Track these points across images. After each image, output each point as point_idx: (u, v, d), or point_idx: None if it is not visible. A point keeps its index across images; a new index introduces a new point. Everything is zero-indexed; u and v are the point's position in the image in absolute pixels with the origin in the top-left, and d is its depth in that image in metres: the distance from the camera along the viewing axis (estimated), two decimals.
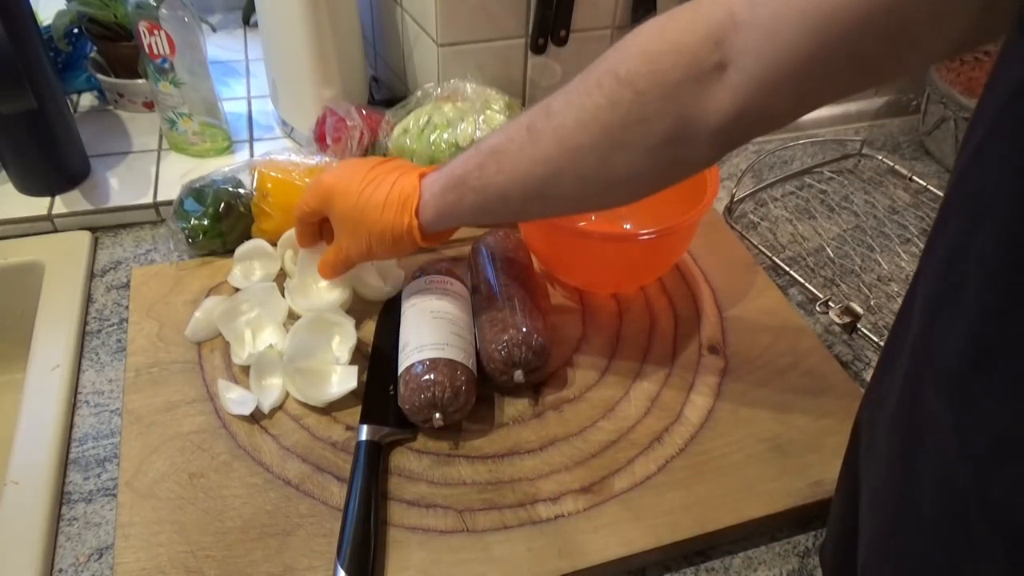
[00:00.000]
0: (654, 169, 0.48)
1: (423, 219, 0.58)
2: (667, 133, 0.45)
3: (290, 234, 0.73)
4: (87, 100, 0.96)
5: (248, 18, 1.12)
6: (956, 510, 0.31)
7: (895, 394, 0.36)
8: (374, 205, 0.59)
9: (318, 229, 0.67)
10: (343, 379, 0.62)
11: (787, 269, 0.79)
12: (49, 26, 0.91)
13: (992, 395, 0.28)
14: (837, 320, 0.72)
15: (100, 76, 0.92)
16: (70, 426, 0.61)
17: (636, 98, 0.44)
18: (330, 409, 0.62)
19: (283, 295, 0.69)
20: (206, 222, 0.73)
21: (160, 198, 0.81)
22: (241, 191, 0.75)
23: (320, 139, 0.82)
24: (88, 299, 0.72)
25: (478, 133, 0.74)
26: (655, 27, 0.45)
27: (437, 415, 0.57)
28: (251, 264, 0.73)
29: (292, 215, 0.74)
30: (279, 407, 0.62)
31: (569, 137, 0.48)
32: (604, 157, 0.47)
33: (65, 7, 0.92)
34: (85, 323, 0.70)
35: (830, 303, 0.73)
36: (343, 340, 0.65)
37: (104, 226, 0.80)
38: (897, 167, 0.94)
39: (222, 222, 0.74)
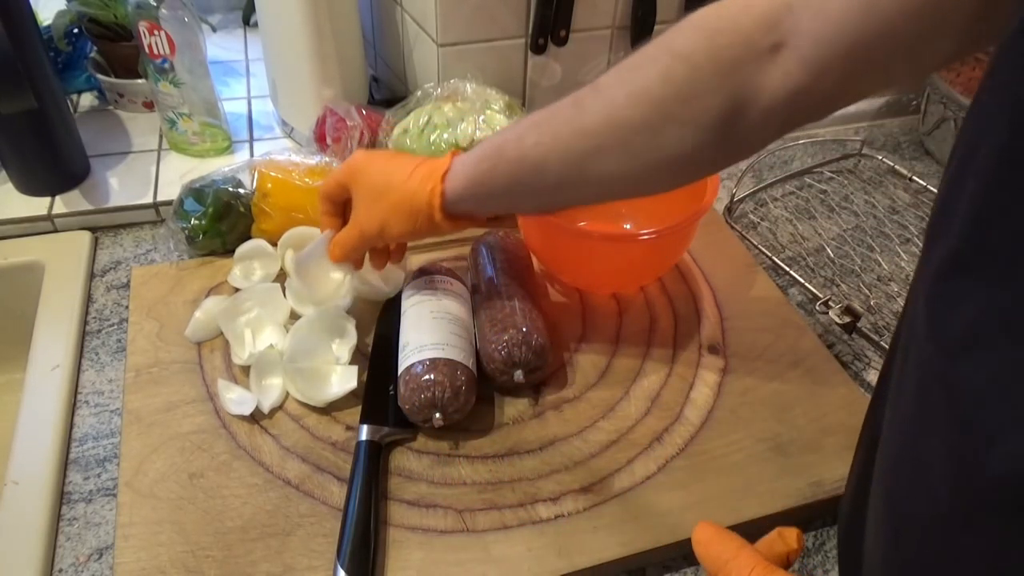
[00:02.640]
0: (702, 149, 0.47)
1: (449, 190, 0.55)
2: (720, 110, 0.44)
3: (290, 234, 0.73)
4: (87, 100, 0.96)
5: (248, 18, 1.12)
6: (929, 398, 0.33)
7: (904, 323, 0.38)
8: (400, 174, 0.57)
9: (342, 210, 0.64)
10: (343, 379, 0.62)
11: (787, 269, 0.79)
12: (49, 26, 0.91)
13: (962, 295, 0.31)
14: (837, 320, 0.72)
15: (100, 76, 0.92)
16: (70, 426, 0.61)
17: (691, 73, 0.44)
18: (330, 409, 0.62)
19: (284, 295, 0.69)
20: (206, 222, 0.73)
21: (160, 198, 0.81)
22: (241, 191, 0.75)
23: (320, 139, 0.82)
24: (88, 299, 0.72)
25: (478, 133, 0.74)
26: (712, 8, 0.45)
27: (437, 415, 0.57)
28: (251, 264, 0.73)
29: (292, 215, 0.74)
30: (279, 407, 0.62)
31: (618, 111, 0.47)
32: (654, 133, 0.46)
33: (65, 7, 0.92)
34: (85, 323, 0.70)
35: (830, 303, 0.73)
36: (344, 340, 0.65)
37: (104, 226, 0.80)
38: (897, 167, 0.94)
39: (222, 222, 0.74)
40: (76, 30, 0.93)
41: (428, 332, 0.61)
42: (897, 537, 0.37)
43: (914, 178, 0.92)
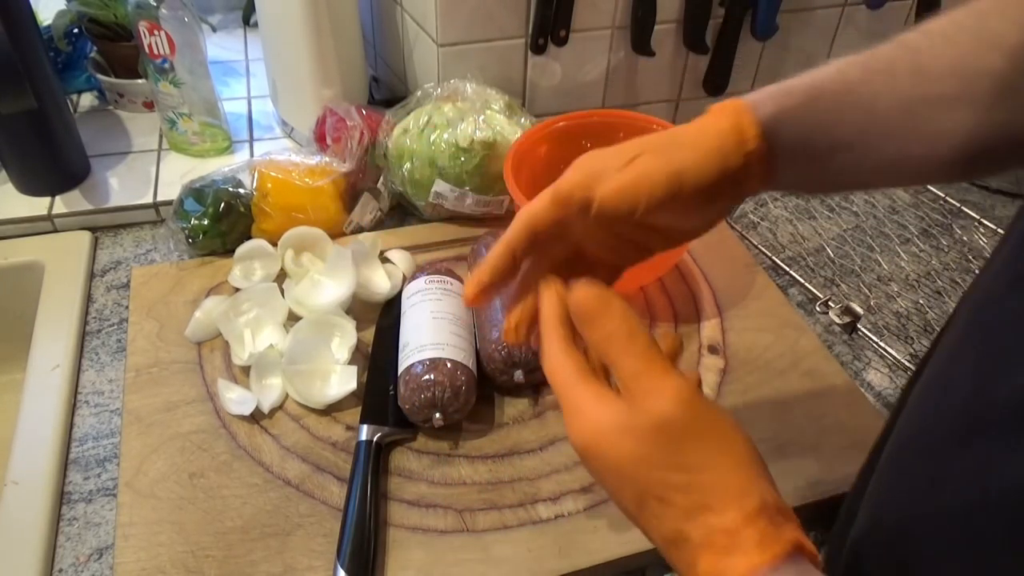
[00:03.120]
0: None
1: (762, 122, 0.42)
2: None
3: (290, 234, 0.73)
4: (87, 100, 0.96)
5: (248, 18, 1.12)
6: (977, 324, 0.34)
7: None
8: (673, 132, 0.43)
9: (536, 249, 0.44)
10: (342, 380, 0.62)
11: (787, 269, 0.79)
12: (49, 26, 0.91)
13: None
14: (837, 320, 0.72)
15: (100, 76, 0.92)
16: (70, 426, 0.61)
17: None
18: (330, 409, 0.62)
19: (283, 295, 0.69)
20: (206, 222, 0.73)
21: (160, 198, 0.81)
22: (241, 191, 0.75)
23: (320, 139, 0.82)
24: (88, 299, 0.72)
25: (478, 133, 0.74)
26: None
27: (437, 415, 0.57)
28: (251, 264, 0.73)
29: (292, 215, 0.74)
30: (279, 407, 0.62)
31: (963, 58, 0.40)
32: (1007, 90, 0.39)
33: (65, 7, 0.92)
34: (85, 323, 0.70)
35: (830, 303, 0.73)
36: (343, 340, 0.65)
37: (104, 226, 0.80)
38: None
39: (222, 222, 0.74)
40: (76, 30, 0.93)
41: (428, 332, 0.61)
42: (891, 463, 0.37)
43: None
